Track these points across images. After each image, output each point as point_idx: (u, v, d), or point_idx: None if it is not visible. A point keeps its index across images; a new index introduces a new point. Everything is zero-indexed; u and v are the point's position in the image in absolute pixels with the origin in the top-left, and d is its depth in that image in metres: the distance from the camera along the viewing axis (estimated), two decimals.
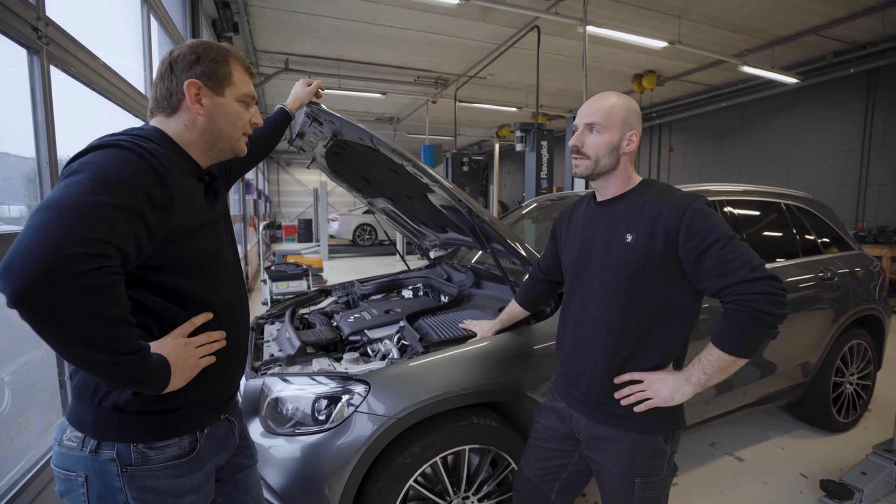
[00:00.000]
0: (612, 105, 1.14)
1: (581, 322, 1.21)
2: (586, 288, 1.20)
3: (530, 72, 6.84)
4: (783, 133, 8.48)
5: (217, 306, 0.93)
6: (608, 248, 1.15)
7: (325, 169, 2.41)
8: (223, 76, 0.90)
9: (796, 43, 6.69)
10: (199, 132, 0.91)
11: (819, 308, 2.46)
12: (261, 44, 6.91)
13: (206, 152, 0.93)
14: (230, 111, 0.92)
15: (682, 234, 1.05)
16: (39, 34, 1.34)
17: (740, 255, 1.00)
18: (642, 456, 1.14)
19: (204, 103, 0.89)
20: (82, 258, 0.63)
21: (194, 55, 0.88)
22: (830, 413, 2.65)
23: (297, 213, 18.75)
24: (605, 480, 1.20)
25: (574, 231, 1.28)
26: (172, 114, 0.90)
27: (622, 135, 1.14)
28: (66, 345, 0.65)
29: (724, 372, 1.05)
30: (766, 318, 0.97)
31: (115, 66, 2.09)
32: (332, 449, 1.36)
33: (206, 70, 0.88)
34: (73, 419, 0.85)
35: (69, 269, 0.62)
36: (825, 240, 2.73)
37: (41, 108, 1.36)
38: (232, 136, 0.94)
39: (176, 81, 0.88)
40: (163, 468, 0.86)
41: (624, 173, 1.19)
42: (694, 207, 1.06)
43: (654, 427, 1.14)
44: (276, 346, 1.92)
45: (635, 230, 1.11)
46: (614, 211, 1.18)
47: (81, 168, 0.72)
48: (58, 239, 0.63)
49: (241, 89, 0.93)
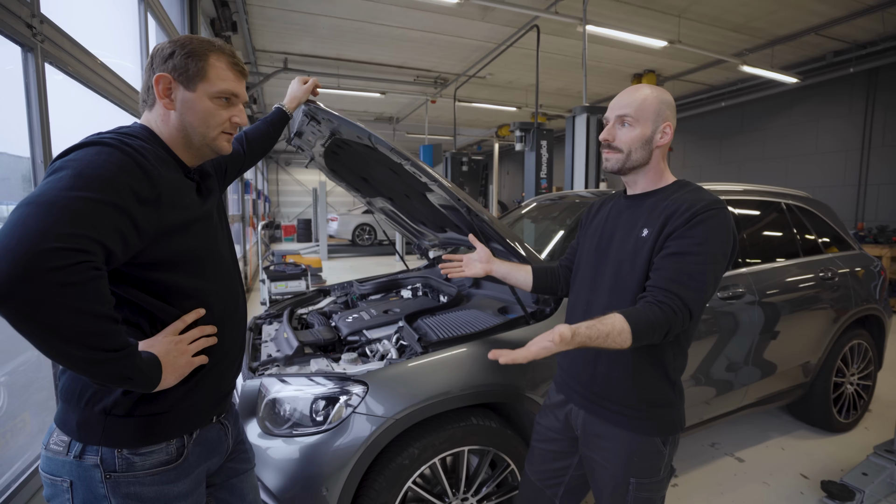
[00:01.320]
0: (645, 97, 1.11)
1: (589, 314, 1.16)
2: (598, 280, 1.18)
3: (530, 71, 6.84)
4: (783, 133, 8.48)
5: (210, 301, 0.92)
6: (625, 241, 1.14)
7: (323, 168, 2.40)
8: (195, 71, 0.86)
9: (796, 42, 6.68)
10: (174, 127, 0.89)
11: (820, 308, 2.45)
12: (259, 43, 6.90)
13: (186, 149, 0.92)
14: (200, 108, 0.88)
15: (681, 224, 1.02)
16: (34, 31, 1.33)
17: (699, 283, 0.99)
18: (639, 457, 1.13)
19: (174, 98, 0.87)
20: (60, 253, 0.62)
21: (171, 49, 0.87)
22: (831, 413, 2.64)
23: (296, 213, 18.73)
24: (599, 479, 1.19)
25: (598, 223, 1.27)
26: (151, 108, 0.90)
27: (655, 127, 1.11)
28: (48, 342, 0.64)
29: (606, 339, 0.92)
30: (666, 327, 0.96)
31: (113, 65, 2.08)
32: (330, 450, 1.35)
33: (178, 64, 0.86)
34: (60, 422, 0.84)
35: (46, 264, 0.61)
36: (825, 239, 2.72)
37: (36, 106, 1.35)
38: (205, 134, 0.90)
39: (150, 75, 0.88)
40: (148, 475, 0.84)
41: (656, 168, 1.15)
42: (710, 213, 1.02)
43: (652, 428, 1.12)
44: (274, 347, 1.91)
45: (652, 226, 1.09)
46: (641, 206, 1.15)
47: (64, 165, 0.71)
48: (35, 234, 0.62)
49: (216, 85, 0.88)
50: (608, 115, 1.16)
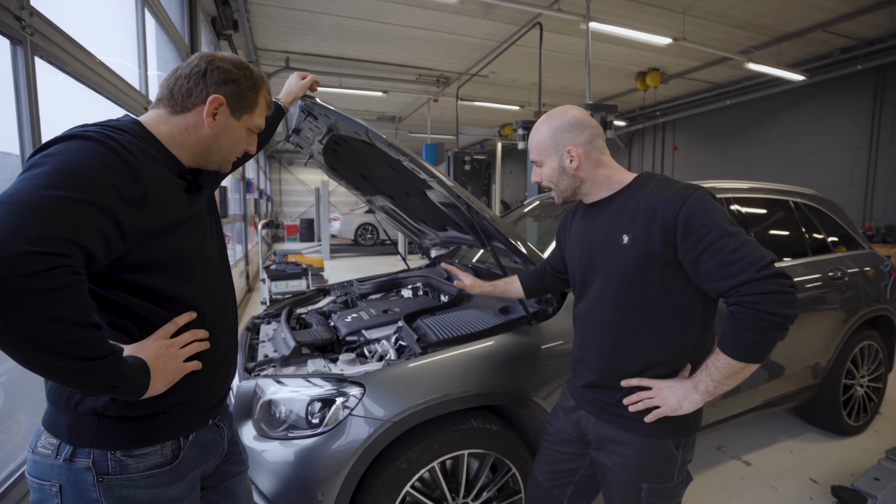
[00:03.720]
0: (539, 135, 1.15)
1: (587, 326, 1.18)
2: (591, 292, 1.17)
3: (532, 70, 6.79)
4: (789, 131, 8.40)
5: (201, 305, 0.88)
6: (605, 251, 1.11)
7: (322, 166, 2.37)
8: (247, 104, 0.91)
9: (802, 39, 6.61)
10: (198, 140, 0.88)
11: (829, 308, 2.40)
12: (261, 42, 6.89)
13: (194, 158, 0.90)
14: (236, 136, 0.93)
15: (680, 233, 0.98)
16: (23, 24, 1.30)
17: (745, 255, 0.93)
18: (651, 461, 1.10)
19: (217, 119, 0.89)
20: (33, 257, 0.58)
21: (234, 76, 0.89)
22: (841, 416, 2.58)
23: (299, 213, 18.75)
24: (610, 484, 1.17)
25: (575, 237, 1.25)
26: (180, 112, 0.87)
27: (560, 157, 1.13)
28: (23, 352, 0.60)
29: (733, 378, 0.99)
30: (775, 319, 0.91)
31: (110, 62, 2.06)
32: (326, 453, 1.31)
33: (237, 92, 0.89)
34: (49, 424, 0.80)
35: (18, 269, 0.57)
36: (834, 238, 2.66)
37: (25, 101, 1.32)
38: (225, 157, 0.94)
39: (203, 87, 0.86)
40: (142, 477, 0.81)
41: (597, 180, 1.14)
42: (691, 202, 0.98)
43: (663, 432, 1.09)
44: (272, 347, 1.88)
45: (631, 230, 1.05)
46: (608, 212, 1.12)
47: (42, 161, 0.67)
48: (6, 237, 0.58)
49: (255, 120, 0.95)
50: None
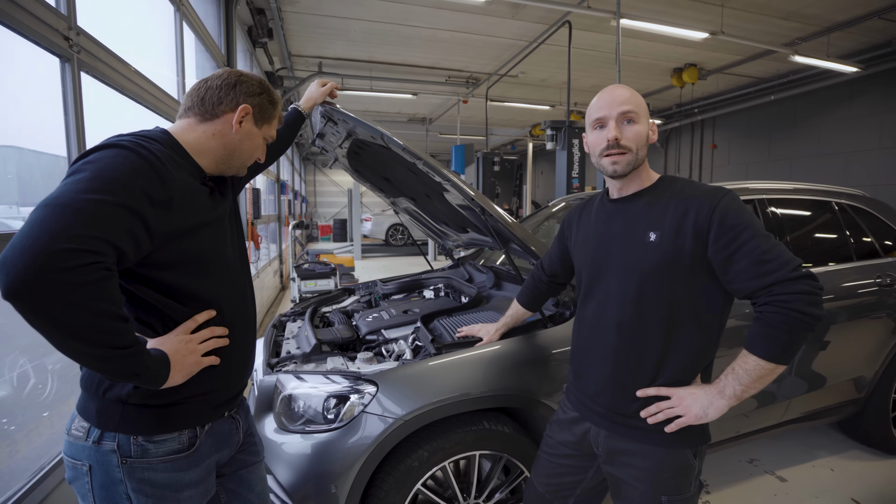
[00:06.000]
0: (634, 93, 1.09)
1: (599, 328, 1.12)
2: (604, 291, 1.12)
3: (563, 69, 6.68)
4: (840, 127, 7.86)
5: (220, 303, 0.95)
6: (628, 247, 1.07)
7: (347, 168, 2.43)
8: (269, 116, 1.04)
9: (856, 28, 6.16)
10: (223, 145, 0.97)
11: (876, 317, 2.24)
12: (295, 48, 7.12)
13: (217, 163, 0.98)
14: (256, 142, 1.03)
15: (714, 231, 0.98)
16: (70, 43, 1.42)
17: (778, 256, 0.94)
18: (670, 472, 1.06)
19: (243, 126, 0.98)
20: (72, 254, 0.66)
21: (260, 89, 1.02)
22: (889, 433, 2.40)
23: (332, 213, 19.22)
24: (626, 497, 1.12)
25: (587, 231, 1.21)
26: (208, 120, 0.95)
27: (648, 124, 1.09)
28: (57, 337, 0.68)
29: (761, 381, 0.96)
30: (806, 319, 0.91)
31: (149, 72, 2.19)
32: (340, 448, 1.36)
33: (262, 104, 1.01)
34: (81, 409, 0.89)
35: (58, 264, 0.64)
36: (887, 242, 2.48)
37: (72, 112, 1.43)
38: (244, 161, 1.04)
39: (234, 97, 0.97)
40: (161, 462, 0.88)
41: (646, 167, 1.12)
42: (726, 201, 0.99)
43: (681, 441, 1.05)
44: (295, 344, 1.94)
45: (660, 228, 1.03)
46: (634, 208, 1.10)
47: (82, 168, 0.75)
48: (50, 235, 0.65)
49: (271, 132, 1.08)
50: (604, 114, 1.07)
